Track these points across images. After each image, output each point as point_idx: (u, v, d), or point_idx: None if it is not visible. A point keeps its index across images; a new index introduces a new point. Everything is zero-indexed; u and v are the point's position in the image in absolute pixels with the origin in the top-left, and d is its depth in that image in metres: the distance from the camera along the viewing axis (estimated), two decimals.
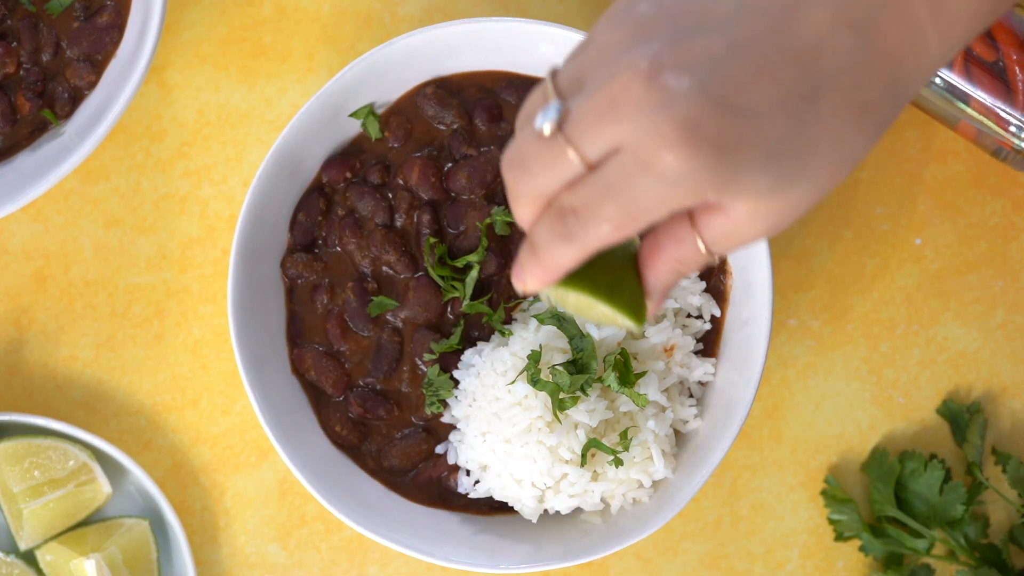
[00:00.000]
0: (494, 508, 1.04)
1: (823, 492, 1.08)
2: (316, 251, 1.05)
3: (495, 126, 1.04)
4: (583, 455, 0.98)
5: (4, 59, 1.05)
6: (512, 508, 1.04)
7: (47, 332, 1.09)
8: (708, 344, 1.04)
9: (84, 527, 1.06)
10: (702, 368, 1.02)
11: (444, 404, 1.03)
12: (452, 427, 1.04)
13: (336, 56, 1.09)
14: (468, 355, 1.02)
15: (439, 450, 1.04)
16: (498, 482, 1.01)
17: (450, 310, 1.04)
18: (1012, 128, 1.02)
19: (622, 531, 1.00)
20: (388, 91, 1.04)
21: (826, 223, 1.09)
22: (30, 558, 1.06)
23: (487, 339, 1.04)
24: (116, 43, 1.06)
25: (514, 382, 0.99)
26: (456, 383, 1.03)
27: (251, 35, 1.10)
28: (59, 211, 1.09)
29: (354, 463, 1.04)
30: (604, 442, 0.99)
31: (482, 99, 1.05)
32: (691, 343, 1.02)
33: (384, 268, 1.04)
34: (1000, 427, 1.09)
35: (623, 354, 0.98)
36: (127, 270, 1.09)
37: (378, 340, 1.04)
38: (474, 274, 1.03)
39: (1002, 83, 1.01)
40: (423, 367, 1.03)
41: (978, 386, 1.09)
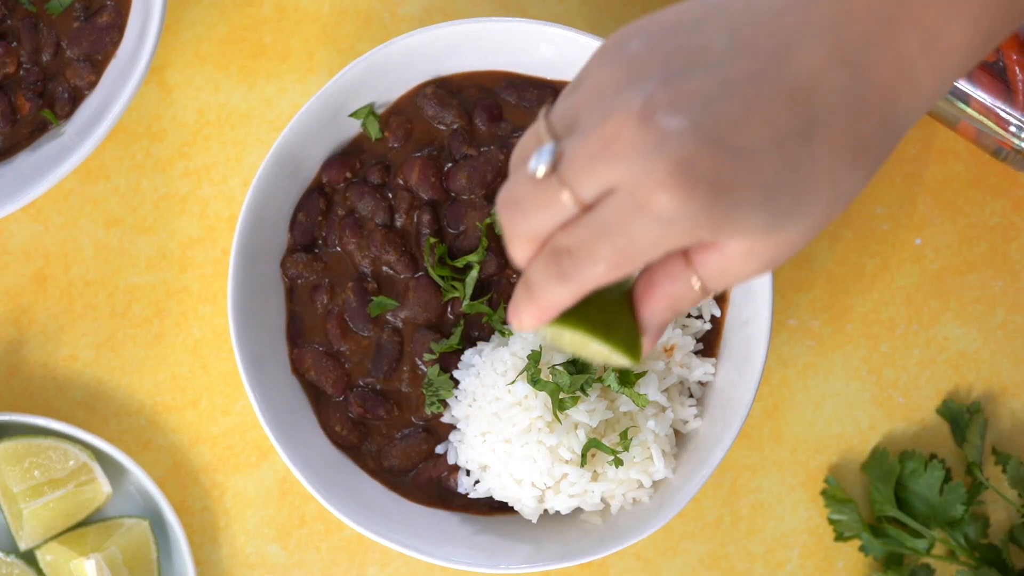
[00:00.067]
0: (494, 508, 1.04)
1: (823, 492, 1.08)
2: (316, 251, 1.05)
3: (495, 126, 1.04)
4: (583, 455, 0.98)
5: (4, 59, 1.05)
6: (512, 508, 1.04)
7: (47, 332, 1.09)
8: (708, 344, 1.04)
9: (84, 527, 1.06)
10: (702, 368, 1.02)
11: (444, 404, 1.03)
12: (452, 427, 1.04)
13: (336, 56, 1.09)
14: (468, 355, 1.02)
15: (439, 450, 1.04)
16: (498, 482, 1.01)
17: (450, 310, 1.04)
18: (1012, 128, 1.02)
19: (622, 531, 1.00)
20: (388, 91, 1.04)
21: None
22: (30, 558, 1.06)
23: (487, 339, 1.03)
24: (116, 43, 1.06)
25: (514, 382, 0.99)
26: (456, 383, 1.03)
27: (251, 35, 1.10)
28: (59, 211, 1.09)
29: (354, 463, 1.04)
30: (604, 442, 0.99)
31: (482, 99, 1.05)
32: (691, 343, 1.02)
33: (384, 268, 1.04)
34: (1000, 427, 1.09)
35: None
36: (127, 270, 1.09)
37: (378, 340, 1.04)
38: (474, 274, 1.02)
39: (1002, 83, 1.01)
40: (423, 367, 1.03)
41: (978, 386, 1.09)
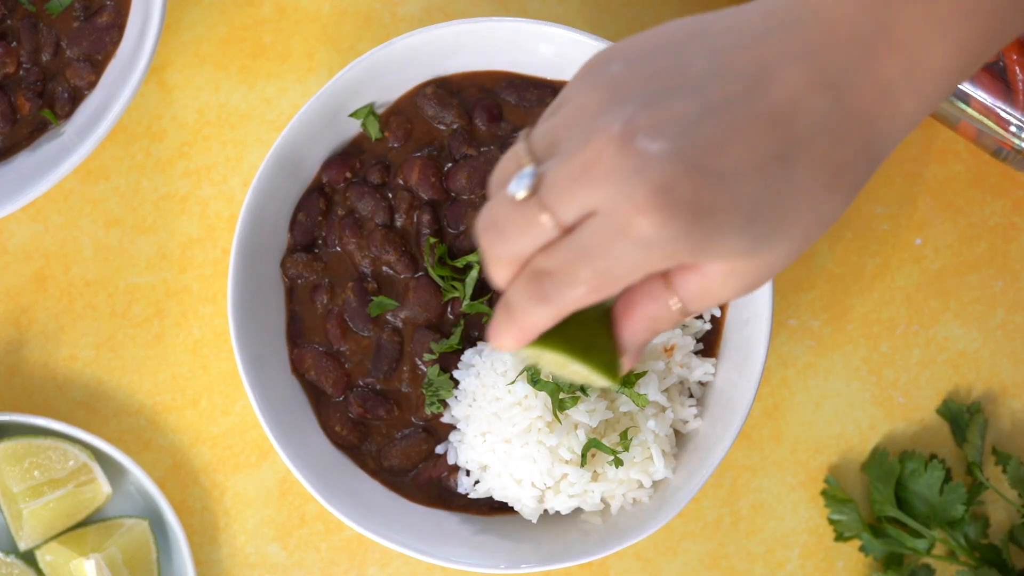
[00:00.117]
0: (494, 508, 1.04)
1: (823, 492, 1.08)
2: (316, 251, 1.05)
3: (495, 126, 1.04)
4: (583, 455, 0.98)
5: (4, 59, 1.05)
6: (512, 508, 1.04)
7: (47, 332, 1.09)
8: (708, 344, 1.04)
9: (84, 527, 1.06)
10: (702, 368, 1.02)
11: (444, 404, 1.03)
12: (452, 427, 1.04)
13: (336, 56, 1.09)
14: (468, 355, 1.02)
15: (439, 450, 1.04)
16: (498, 482, 1.01)
17: (450, 310, 1.04)
18: (1012, 128, 1.02)
19: (622, 531, 1.00)
20: (388, 91, 1.04)
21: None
22: (30, 558, 1.06)
23: (487, 339, 1.03)
24: (116, 43, 1.06)
25: (514, 382, 0.99)
26: (456, 383, 1.03)
27: (251, 35, 1.10)
28: (59, 211, 1.09)
29: (354, 463, 1.04)
30: (604, 442, 0.99)
31: (482, 99, 1.05)
32: (691, 343, 1.02)
33: (384, 268, 1.04)
34: (1000, 427, 1.09)
35: None
36: (127, 270, 1.09)
37: (378, 340, 1.04)
38: (474, 274, 1.02)
39: (1002, 83, 1.01)
40: (423, 367, 1.03)
41: (978, 386, 1.09)
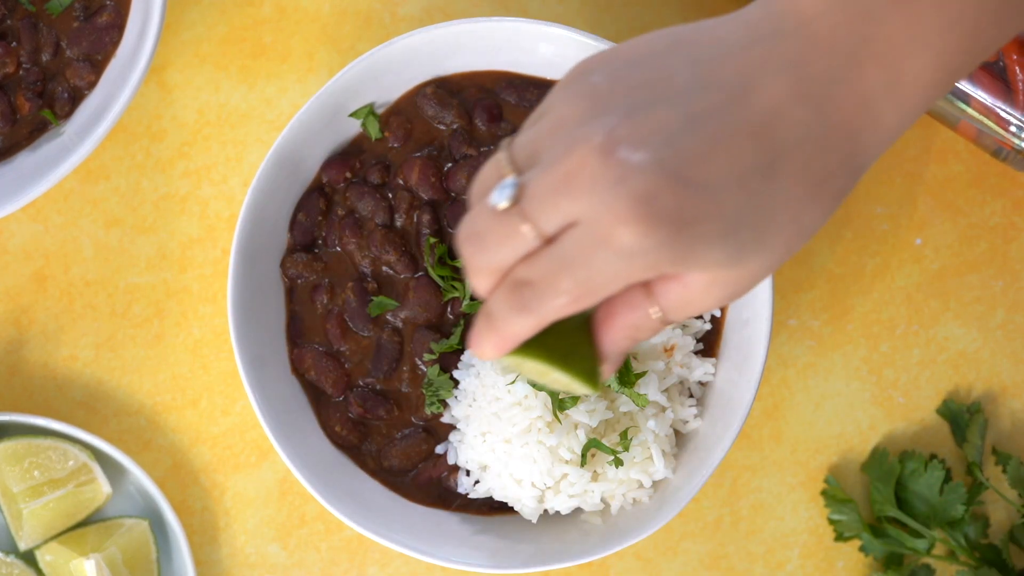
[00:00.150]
0: (494, 508, 1.04)
1: (823, 492, 1.08)
2: (316, 251, 1.05)
3: (495, 126, 1.04)
4: (583, 455, 0.98)
5: (4, 59, 1.05)
6: (512, 508, 1.04)
7: (47, 332, 1.09)
8: (708, 344, 1.04)
9: (84, 527, 1.06)
10: (702, 368, 1.02)
11: (444, 404, 1.03)
12: (452, 427, 1.04)
13: (336, 56, 1.09)
14: (468, 355, 1.02)
15: (439, 450, 1.04)
16: (498, 482, 1.01)
17: (450, 310, 1.04)
18: (1012, 128, 1.02)
19: (622, 531, 1.00)
20: (388, 91, 1.04)
21: (826, 223, 1.09)
22: (30, 558, 1.06)
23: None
24: (116, 43, 1.06)
25: (514, 382, 0.99)
26: (456, 383, 1.03)
27: (251, 35, 1.10)
28: (59, 211, 1.09)
29: (354, 463, 1.04)
30: (604, 442, 0.99)
31: (482, 99, 1.05)
32: (691, 343, 1.02)
33: (384, 268, 1.04)
34: (1000, 427, 1.09)
35: None
36: (127, 270, 1.09)
37: (378, 340, 1.04)
38: None
39: (1002, 83, 1.01)
40: (423, 367, 1.03)
41: (978, 386, 1.09)
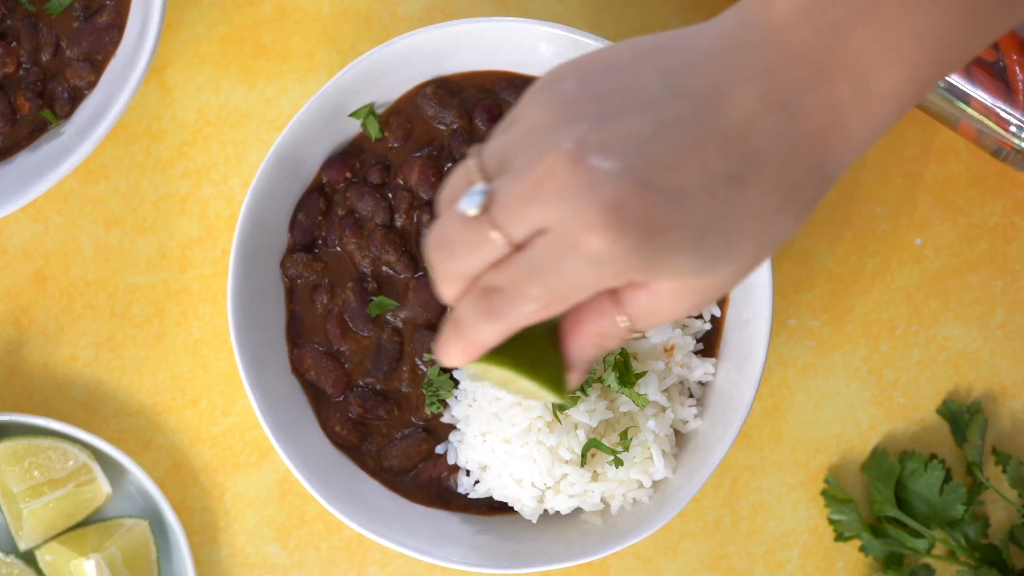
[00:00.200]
0: (494, 508, 1.04)
1: (823, 492, 1.08)
2: (316, 251, 1.05)
3: (495, 126, 1.04)
4: (583, 455, 0.98)
5: (4, 59, 1.05)
6: (512, 508, 1.04)
7: (47, 332, 1.09)
8: (708, 344, 1.04)
9: (84, 527, 1.06)
10: (702, 368, 1.02)
11: (444, 404, 1.03)
12: (452, 427, 1.04)
13: (336, 56, 1.09)
14: None
15: (439, 450, 1.04)
16: (498, 482, 1.01)
17: (450, 310, 1.03)
18: (1012, 128, 1.02)
19: (622, 531, 1.00)
20: (388, 91, 1.04)
21: (826, 223, 1.09)
22: (30, 558, 1.06)
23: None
24: (116, 43, 1.06)
25: None
26: (456, 383, 1.03)
27: (251, 35, 1.10)
28: (59, 211, 1.09)
29: (354, 463, 1.04)
30: (604, 442, 0.99)
31: (482, 99, 1.05)
32: (691, 343, 1.02)
33: (384, 268, 1.04)
34: (1000, 427, 1.09)
35: (623, 354, 0.98)
36: (127, 270, 1.09)
37: (378, 340, 1.04)
38: None
39: (1002, 83, 1.01)
40: (423, 367, 1.03)
41: (978, 386, 1.09)
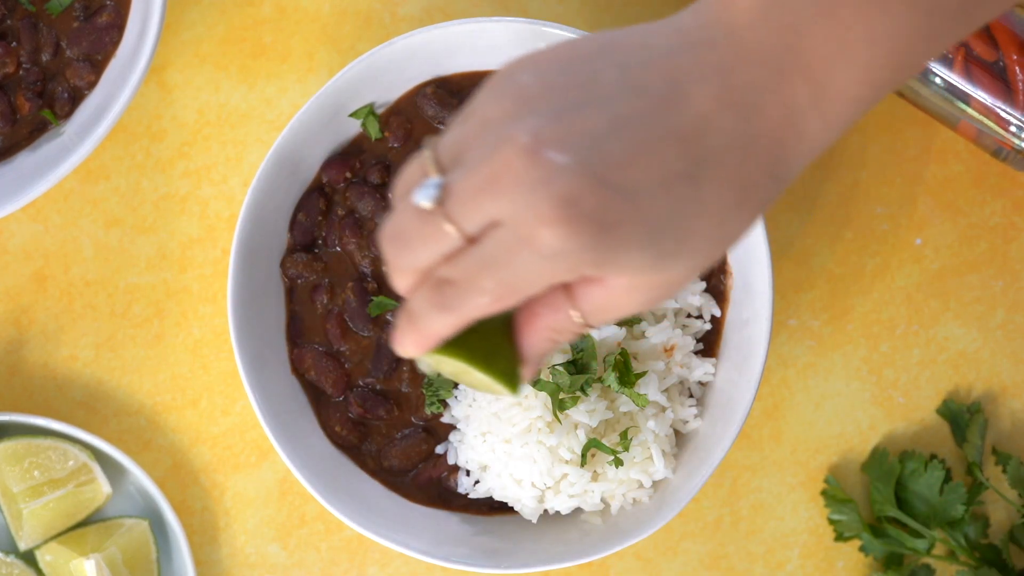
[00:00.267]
0: (494, 508, 1.04)
1: (823, 492, 1.08)
2: (316, 251, 1.05)
3: None
4: (583, 455, 0.98)
5: (4, 59, 1.05)
6: (512, 508, 1.04)
7: (47, 332, 1.09)
8: (708, 344, 1.04)
9: (84, 527, 1.06)
10: (702, 368, 1.02)
11: (444, 404, 1.03)
12: (452, 427, 1.04)
13: (336, 56, 1.09)
14: None
15: (439, 450, 1.04)
16: (498, 482, 1.01)
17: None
18: (1012, 128, 1.02)
19: (622, 531, 1.00)
20: (388, 91, 1.04)
21: (826, 223, 1.09)
22: (30, 558, 1.06)
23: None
24: (116, 43, 1.06)
25: None
26: (456, 383, 1.03)
27: (251, 35, 1.10)
28: (59, 211, 1.09)
29: (354, 463, 1.04)
30: (604, 442, 0.99)
31: None
32: (691, 343, 1.02)
33: (384, 268, 1.04)
34: (1000, 427, 1.09)
35: (623, 354, 0.98)
36: (127, 270, 1.09)
37: (378, 340, 1.04)
38: None
39: (1002, 83, 1.01)
40: (420, 369, 1.03)
41: (978, 386, 1.09)
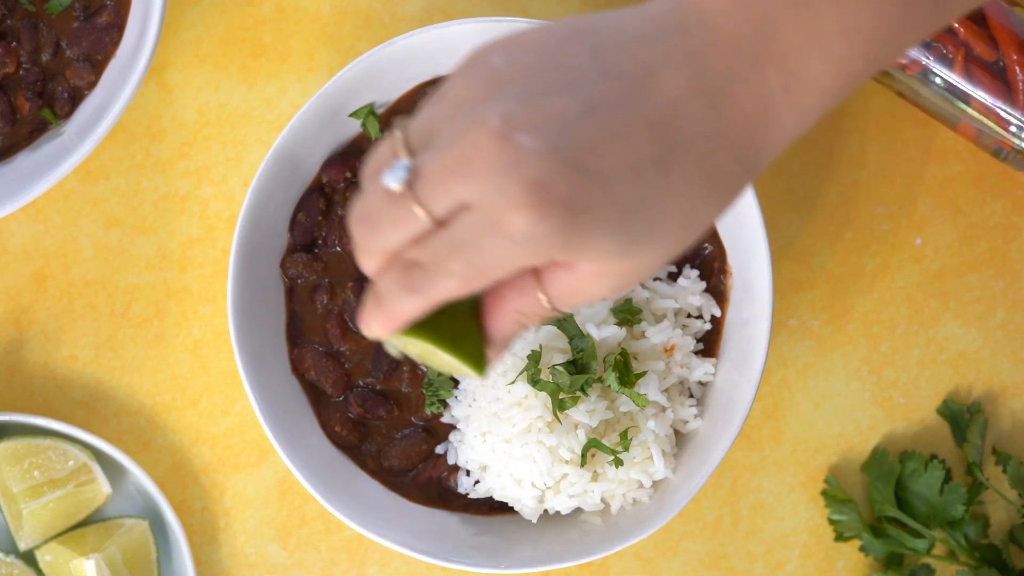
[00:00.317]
0: (494, 508, 1.04)
1: (823, 492, 1.08)
2: (316, 251, 1.05)
3: None
4: (583, 455, 0.98)
5: (4, 59, 1.05)
6: (512, 508, 1.04)
7: (47, 332, 1.09)
8: (708, 344, 1.04)
9: (84, 527, 1.06)
10: (702, 368, 1.02)
11: (444, 404, 1.03)
12: (452, 427, 1.04)
13: (336, 56, 1.09)
14: None
15: (439, 450, 1.04)
16: (498, 482, 1.01)
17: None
18: (1012, 128, 1.02)
19: (622, 531, 1.00)
20: (388, 91, 1.04)
21: (826, 223, 1.09)
22: (30, 558, 1.06)
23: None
24: (116, 43, 1.06)
25: (514, 382, 0.99)
26: (456, 383, 1.03)
27: (251, 35, 1.10)
28: (59, 211, 1.09)
29: (354, 463, 1.04)
30: (604, 442, 0.99)
31: None
32: (691, 343, 1.02)
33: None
34: (1000, 427, 1.09)
35: (623, 354, 0.98)
36: (127, 270, 1.09)
37: (378, 340, 1.04)
38: None
39: (1002, 83, 1.01)
40: (423, 367, 1.03)
41: (978, 386, 1.09)
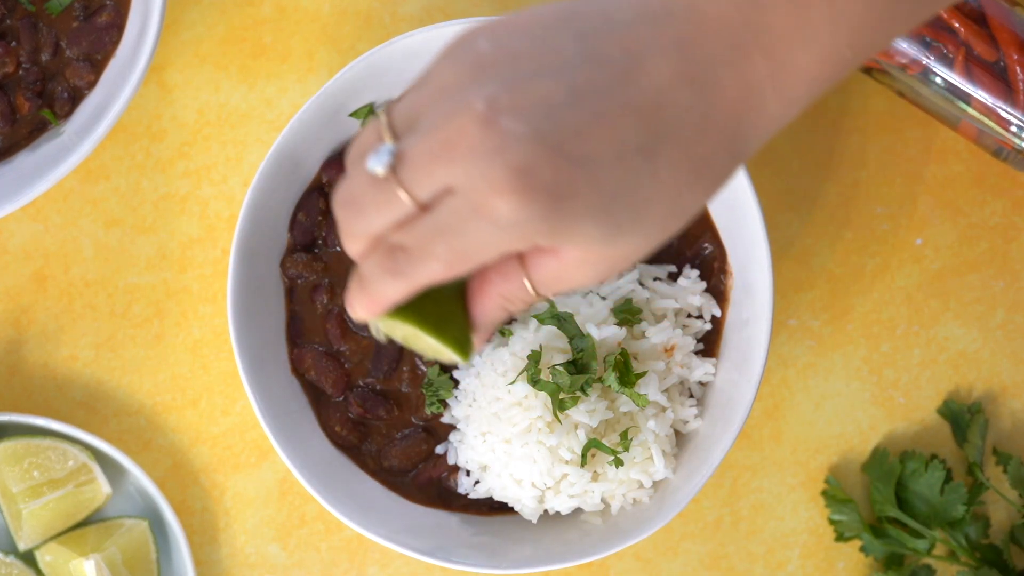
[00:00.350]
0: (494, 508, 1.04)
1: (823, 492, 1.08)
2: (316, 251, 1.05)
3: None
4: (583, 455, 0.98)
5: (4, 59, 1.05)
6: (512, 508, 1.04)
7: (47, 332, 1.09)
8: (708, 344, 1.04)
9: (84, 527, 1.06)
10: (702, 368, 1.02)
11: (444, 404, 1.03)
12: (452, 427, 1.04)
13: (336, 56, 1.09)
14: None
15: (439, 450, 1.04)
16: (498, 482, 1.01)
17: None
18: (1013, 128, 1.02)
19: (622, 531, 1.00)
20: (388, 91, 1.04)
21: (826, 223, 1.09)
22: (29, 558, 1.06)
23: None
24: (116, 43, 1.06)
25: (514, 382, 0.99)
26: (456, 383, 1.03)
27: (251, 35, 1.10)
28: (59, 211, 1.09)
29: (354, 463, 1.04)
30: (604, 442, 0.99)
31: None
32: (691, 343, 1.02)
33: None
34: (1001, 427, 1.09)
35: (623, 354, 0.98)
36: (127, 270, 1.09)
37: (378, 340, 1.04)
38: None
39: (1003, 83, 1.01)
40: (423, 367, 1.03)
41: (979, 386, 1.09)
